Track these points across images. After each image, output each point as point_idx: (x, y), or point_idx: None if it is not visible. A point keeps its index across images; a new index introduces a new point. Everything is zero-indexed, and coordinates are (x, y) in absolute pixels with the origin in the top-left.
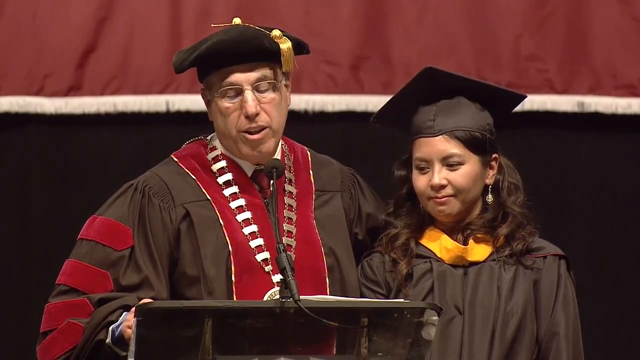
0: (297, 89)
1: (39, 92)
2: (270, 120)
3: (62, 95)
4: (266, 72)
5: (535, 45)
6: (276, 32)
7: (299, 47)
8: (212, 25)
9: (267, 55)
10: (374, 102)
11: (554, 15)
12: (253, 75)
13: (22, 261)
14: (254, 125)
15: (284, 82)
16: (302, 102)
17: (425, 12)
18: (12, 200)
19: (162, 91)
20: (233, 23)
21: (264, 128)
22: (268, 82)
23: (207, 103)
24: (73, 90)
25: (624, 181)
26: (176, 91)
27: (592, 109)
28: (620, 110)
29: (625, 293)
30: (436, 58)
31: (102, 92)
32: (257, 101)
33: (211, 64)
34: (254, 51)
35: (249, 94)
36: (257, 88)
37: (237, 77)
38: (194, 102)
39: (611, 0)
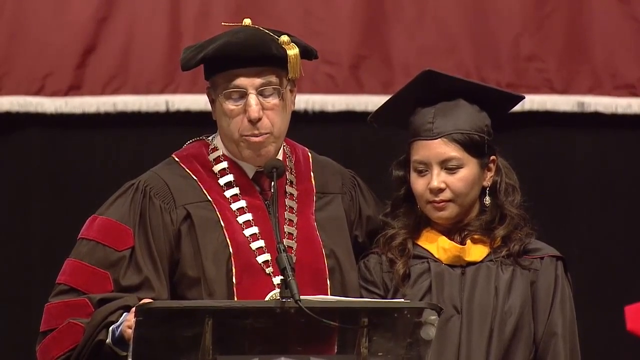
0: (297, 89)
1: (39, 92)
2: (272, 126)
3: (62, 95)
4: (272, 77)
5: (535, 45)
6: (284, 38)
7: (307, 53)
8: (223, 23)
9: (274, 61)
10: (374, 102)
11: (554, 15)
12: (258, 80)
13: (22, 261)
14: (256, 131)
15: (289, 87)
16: (301, 101)
17: (425, 12)
18: (12, 200)
19: (161, 91)
20: (243, 24)
21: (265, 134)
22: (273, 88)
23: (212, 102)
24: (73, 90)
25: (624, 181)
26: (176, 91)
27: (592, 109)
28: (620, 110)
29: (625, 293)
30: (436, 58)
31: (102, 92)
32: (261, 106)
33: (217, 64)
34: (261, 56)
35: (252, 99)
36: (261, 93)
37: (242, 81)
38: (193, 102)
39: (611, 0)
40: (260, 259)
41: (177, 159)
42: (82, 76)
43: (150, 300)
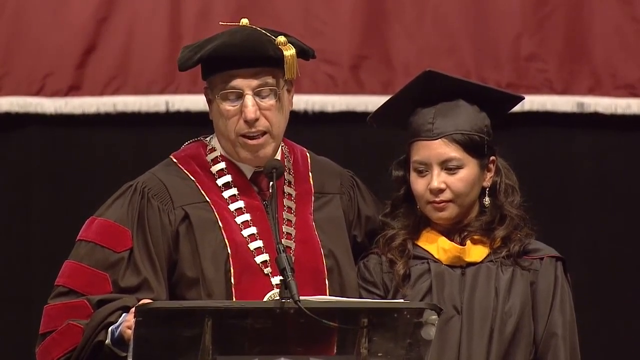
0: (297, 89)
1: (39, 92)
2: (270, 126)
3: (62, 95)
4: (268, 78)
5: (535, 45)
6: (281, 39)
7: (304, 53)
8: (220, 23)
9: (270, 62)
10: (374, 102)
11: (554, 15)
12: (255, 81)
13: (22, 261)
14: (253, 130)
15: (286, 87)
16: (301, 102)
17: (425, 12)
18: (12, 200)
19: (161, 91)
20: (240, 24)
21: (263, 133)
22: (269, 89)
23: (209, 102)
24: (73, 90)
25: (624, 181)
26: (176, 91)
27: (591, 109)
28: (619, 111)
29: (626, 293)
30: (436, 58)
31: (102, 92)
32: (257, 106)
33: (214, 65)
34: (258, 57)
35: (249, 99)
36: (258, 93)
37: (239, 82)
38: (193, 102)
39: (611, 0)
40: (259, 259)
41: (175, 160)
42: (82, 76)
43: (150, 301)
